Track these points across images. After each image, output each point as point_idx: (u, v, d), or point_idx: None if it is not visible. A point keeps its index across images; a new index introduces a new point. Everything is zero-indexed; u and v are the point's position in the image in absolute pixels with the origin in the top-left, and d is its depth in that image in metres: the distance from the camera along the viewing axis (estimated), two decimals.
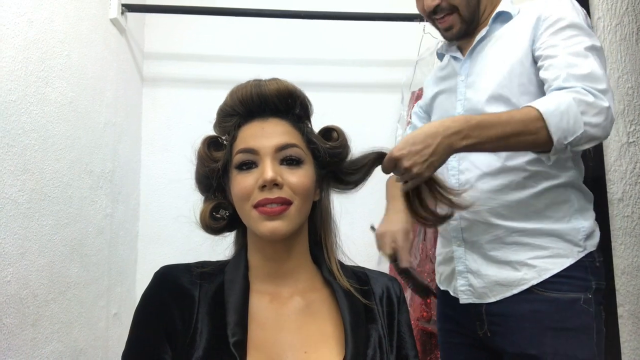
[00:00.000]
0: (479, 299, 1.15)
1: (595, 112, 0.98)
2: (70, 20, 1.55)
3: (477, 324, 1.16)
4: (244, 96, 0.82)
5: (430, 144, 0.93)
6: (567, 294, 1.07)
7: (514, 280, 1.10)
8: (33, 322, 1.32)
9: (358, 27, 2.16)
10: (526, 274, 1.09)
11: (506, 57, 1.13)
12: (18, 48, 1.29)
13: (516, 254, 1.11)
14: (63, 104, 1.49)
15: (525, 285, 1.09)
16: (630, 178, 1.37)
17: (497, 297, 1.12)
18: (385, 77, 2.18)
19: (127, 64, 2.00)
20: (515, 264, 1.10)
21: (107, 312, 1.76)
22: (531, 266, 1.09)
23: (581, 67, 1.02)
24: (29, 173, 1.32)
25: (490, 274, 1.13)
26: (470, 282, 1.16)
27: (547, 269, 1.08)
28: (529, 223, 1.10)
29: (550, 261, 1.09)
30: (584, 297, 1.07)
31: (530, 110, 0.98)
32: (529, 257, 1.10)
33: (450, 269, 1.22)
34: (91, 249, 1.64)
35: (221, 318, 0.77)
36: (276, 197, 0.76)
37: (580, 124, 0.97)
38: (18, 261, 1.26)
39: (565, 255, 1.09)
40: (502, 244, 1.12)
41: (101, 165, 1.72)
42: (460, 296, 1.17)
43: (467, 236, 1.16)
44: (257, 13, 2.00)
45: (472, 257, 1.16)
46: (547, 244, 1.09)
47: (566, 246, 1.09)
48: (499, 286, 1.12)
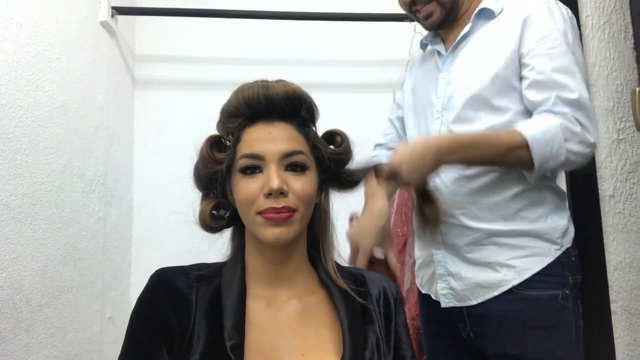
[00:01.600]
0: (460, 302, 1.14)
1: (578, 141, 1.02)
2: (60, 23, 1.54)
3: (460, 326, 1.16)
4: (250, 97, 0.80)
5: (426, 154, 0.99)
6: (545, 292, 1.08)
7: (495, 282, 1.10)
8: (27, 327, 1.31)
9: (349, 27, 2.16)
10: (506, 275, 1.09)
11: (490, 59, 1.13)
12: (7, 52, 1.28)
13: (495, 255, 1.11)
14: (54, 108, 1.48)
15: (506, 286, 1.09)
16: (621, 175, 1.39)
17: (479, 299, 1.12)
18: (376, 77, 2.18)
19: (118, 66, 1.99)
20: (495, 265, 1.10)
21: (102, 316, 1.75)
22: (511, 266, 1.09)
23: (570, 90, 1.04)
24: (20, 177, 1.31)
25: (470, 276, 1.13)
26: (450, 285, 1.16)
27: (527, 269, 1.09)
28: (506, 224, 1.11)
29: (529, 260, 1.09)
30: (562, 293, 1.08)
31: (517, 136, 1.02)
32: (508, 257, 1.10)
33: (430, 272, 1.22)
34: (84, 252, 1.63)
35: (218, 321, 0.76)
36: (282, 206, 0.76)
37: (563, 150, 1.02)
38: (11, 266, 1.25)
39: (543, 254, 1.09)
40: (480, 246, 1.12)
41: (93, 169, 1.71)
42: (442, 300, 1.17)
43: (446, 239, 1.16)
44: (248, 14, 2.00)
45: (452, 259, 1.16)
46: (525, 243, 1.10)
47: (544, 245, 1.10)
48: (479, 288, 1.12)
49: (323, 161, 0.84)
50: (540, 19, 1.10)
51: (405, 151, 0.99)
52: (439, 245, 1.18)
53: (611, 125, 1.39)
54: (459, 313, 1.15)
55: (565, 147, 1.01)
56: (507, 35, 1.13)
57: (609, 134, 1.40)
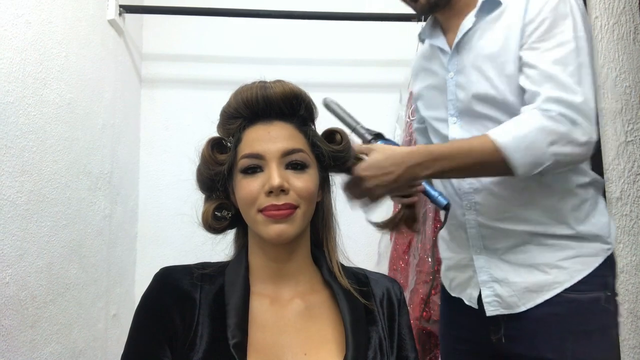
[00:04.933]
0: (508, 309, 1.08)
1: (566, 142, 0.94)
2: (68, 21, 1.55)
3: (490, 329, 1.10)
4: (249, 99, 0.81)
5: (393, 171, 0.97)
6: (586, 294, 1.02)
7: (545, 285, 1.04)
8: (32, 324, 1.31)
9: (355, 27, 2.16)
10: (557, 277, 1.03)
11: (497, 55, 1.06)
12: (16, 49, 1.29)
13: (543, 256, 1.05)
14: (61, 105, 1.49)
15: (559, 289, 1.03)
16: (629, 177, 1.38)
17: (528, 304, 1.05)
18: (383, 77, 2.18)
19: (126, 65, 2.00)
20: (544, 267, 1.04)
21: (106, 313, 1.75)
22: (562, 268, 1.03)
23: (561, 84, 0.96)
24: (27, 174, 1.32)
25: (519, 281, 1.06)
26: (496, 292, 1.09)
27: (578, 270, 1.03)
28: (552, 227, 1.05)
29: (579, 261, 1.03)
30: (604, 296, 1.03)
31: (488, 144, 0.96)
32: (558, 258, 1.04)
33: (465, 277, 1.16)
34: (90, 250, 1.64)
35: (221, 320, 0.76)
36: (283, 203, 0.76)
37: (548, 155, 0.94)
38: (17, 262, 1.26)
39: (595, 255, 1.04)
40: (527, 247, 1.07)
41: (100, 167, 1.72)
42: (487, 308, 1.10)
43: (488, 243, 1.11)
44: (254, 14, 2.00)
45: (496, 265, 1.10)
46: (574, 244, 1.04)
47: (595, 245, 1.05)
48: (529, 292, 1.05)
49: (323, 159, 0.84)
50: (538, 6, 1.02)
51: (373, 162, 0.97)
52: (480, 250, 1.12)
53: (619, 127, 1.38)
54: (494, 318, 1.09)
55: (549, 151, 0.94)
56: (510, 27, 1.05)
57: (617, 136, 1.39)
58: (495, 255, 1.10)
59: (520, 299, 1.06)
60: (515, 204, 1.07)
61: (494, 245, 1.10)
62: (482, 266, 1.11)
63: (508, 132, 0.96)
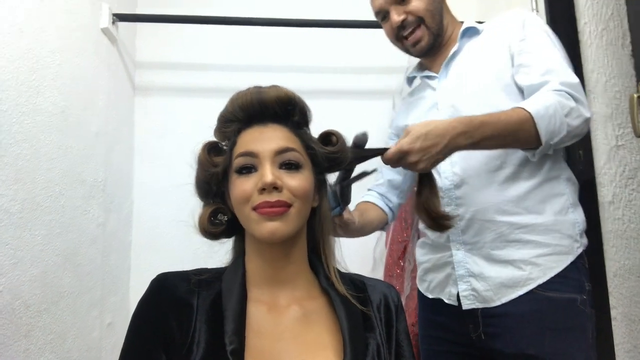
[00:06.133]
0: (483, 303, 1.14)
1: (576, 116, 1.06)
2: (61, 30, 1.55)
3: (470, 327, 1.15)
4: (245, 103, 0.83)
5: (439, 142, 0.98)
6: (564, 294, 1.08)
7: (520, 280, 1.10)
8: (26, 333, 1.30)
9: (349, 34, 2.17)
10: (531, 273, 1.09)
11: (484, 68, 1.18)
12: (9, 58, 1.29)
13: (519, 252, 1.11)
14: (55, 114, 1.49)
15: (532, 285, 1.09)
16: (620, 181, 1.39)
17: (503, 299, 1.11)
18: (376, 84, 2.19)
19: (119, 73, 2.00)
20: (520, 263, 1.10)
21: (101, 322, 1.74)
22: (536, 264, 1.09)
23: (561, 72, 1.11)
24: (20, 183, 1.31)
25: (494, 275, 1.12)
26: (473, 286, 1.15)
27: (551, 267, 1.09)
28: (529, 217, 1.11)
29: (552, 259, 1.09)
30: (580, 298, 1.08)
31: (523, 112, 1.04)
32: (533, 255, 1.10)
33: (442, 275, 1.21)
34: (84, 258, 1.63)
35: (219, 326, 0.76)
36: (275, 200, 0.77)
37: (565, 125, 1.05)
38: (10, 271, 1.25)
39: (566, 252, 1.10)
40: (505, 242, 1.12)
41: (93, 175, 1.72)
42: (463, 302, 1.16)
43: (467, 238, 1.16)
44: (248, 21, 2.01)
45: (473, 259, 1.15)
46: (548, 240, 1.10)
47: (567, 242, 1.11)
48: (504, 288, 1.11)
49: (318, 162, 0.85)
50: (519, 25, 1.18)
51: (416, 134, 0.98)
52: (459, 246, 1.17)
53: (610, 132, 1.40)
54: (472, 314, 1.15)
55: (565, 121, 1.04)
56: (496, 43, 1.19)
57: (608, 140, 1.40)
58: (473, 250, 1.16)
59: (495, 294, 1.12)
60: (495, 194, 1.13)
61: (472, 239, 1.16)
62: (460, 261, 1.17)
63: (536, 103, 1.05)
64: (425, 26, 1.23)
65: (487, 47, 1.21)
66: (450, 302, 1.19)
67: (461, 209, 1.16)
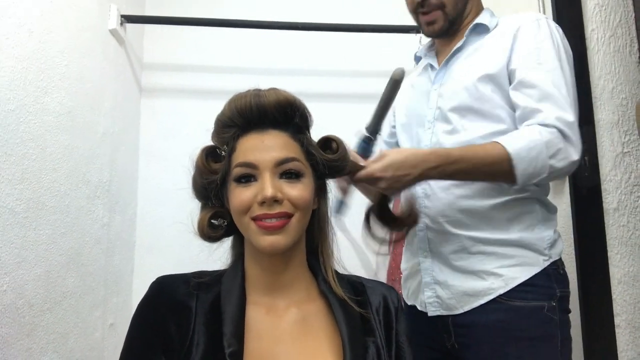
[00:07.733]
0: (448, 311, 1.13)
1: (562, 158, 1.02)
2: (69, 31, 1.56)
3: (444, 336, 1.15)
4: (243, 107, 0.80)
5: (410, 173, 0.99)
6: (530, 302, 1.07)
7: (481, 290, 1.09)
8: (29, 332, 1.31)
9: (355, 38, 2.18)
10: (493, 283, 1.09)
11: (480, 70, 1.14)
12: (18, 58, 1.30)
13: (482, 264, 1.10)
14: (61, 114, 1.50)
15: (493, 295, 1.08)
16: (626, 188, 1.38)
17: (465, 307, 1.11)
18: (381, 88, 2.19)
19: (126, 74, 2.01)
20: (482, 274, 1.10)
21: (103, 322, 1.75)
22: (498, 275, 1.09)
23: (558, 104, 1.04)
24: (26, 182, 1.32)
25: (457, 284, 1.12)
26: (437, 293, 1.15)
27: (514, 278, 1.08)
28: (493, 233, 1.10)
29: (516, 270, 1.08)
30: (548, 305, 1.07)
31: (502, 151, 1.01)
32: (495, 266, 1.09)
33: (416, 283, 1.21)
34: (88, 258, 1.64)
35: (217, 329, 0.76)
36: (276, 212, 0.76)
37: (547, 168, 1.01)
38: (14, 270, 1.26)
39: (531, 264, 1.09)
40: (467, 254, 1.12)
41: (99, 175, 1.72)
42: (429, 308, 1.16)
43: (433, 247, 1.16)
44: (255, 24, 2.02)
45: (439, 267, 1.15)
46: (512, 252, 1.09)
47: (532, 255, 1.09)
48: (466, 296, 1.11)
49: (318, 167, 0.84)
50: (530, 34, 1.12)
51: (392, 163, 0.99)
52: (426, 254, 1.18)
53: (616, 139, 1.39)
54: (445, 323, 1.14)
55: (548, 164, 1.01)
56: (498, 47, 1.15)
57: (614, 147, 1.39)
58: (439, 259, 1.16)
59: (458, 302, 1.12)
60: (457, 208, 1.13)
61: (437, 248, 1.16)
62: (427, 268, 1.18)
63: (518, 142, 1.02)
64: (443, 12, 1.20)
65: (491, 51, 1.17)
66: (422, 309, 1.19)
67: (427, 219, 1.17)
